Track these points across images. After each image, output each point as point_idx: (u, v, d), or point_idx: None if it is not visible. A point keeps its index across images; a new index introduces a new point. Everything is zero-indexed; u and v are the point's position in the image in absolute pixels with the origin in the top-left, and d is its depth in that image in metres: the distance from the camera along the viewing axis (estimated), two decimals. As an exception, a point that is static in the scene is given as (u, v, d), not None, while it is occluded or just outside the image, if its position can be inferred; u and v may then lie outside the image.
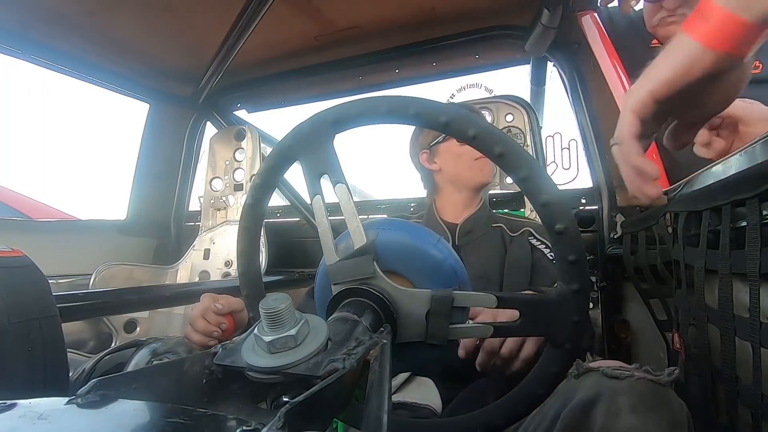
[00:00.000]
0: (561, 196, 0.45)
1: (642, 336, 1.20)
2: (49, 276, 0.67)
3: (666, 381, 0.43)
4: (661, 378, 0.43)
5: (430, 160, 1.05)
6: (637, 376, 0.43)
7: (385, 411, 0.33)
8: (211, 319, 0.77)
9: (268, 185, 0.58)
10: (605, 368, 0.45)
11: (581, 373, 0.46)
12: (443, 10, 1.33)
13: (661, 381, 0.43)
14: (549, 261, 0.92)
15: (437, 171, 1.04)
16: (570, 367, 0.49)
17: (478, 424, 0.52)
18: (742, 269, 0.48)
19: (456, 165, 1.01)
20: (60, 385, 0.63)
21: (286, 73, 1.66)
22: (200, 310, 0.77)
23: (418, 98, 0.49)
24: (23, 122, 12.97)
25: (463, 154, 0.99)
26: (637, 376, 0.43)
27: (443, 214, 1.04)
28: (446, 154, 1.02)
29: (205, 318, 0.77)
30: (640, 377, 0.43)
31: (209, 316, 0.77)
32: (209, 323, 0.76)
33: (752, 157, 0.49)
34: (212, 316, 0.77)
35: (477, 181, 1.01)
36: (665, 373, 0.43)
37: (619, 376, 0.43)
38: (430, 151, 1.04)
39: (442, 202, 1.05)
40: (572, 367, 0.48)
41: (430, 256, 0.54)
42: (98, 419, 0.27)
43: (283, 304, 0.36)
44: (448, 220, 1.02)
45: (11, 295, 0.59)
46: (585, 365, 0.47)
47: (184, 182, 1.89)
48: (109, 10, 1.24)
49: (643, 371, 0.44)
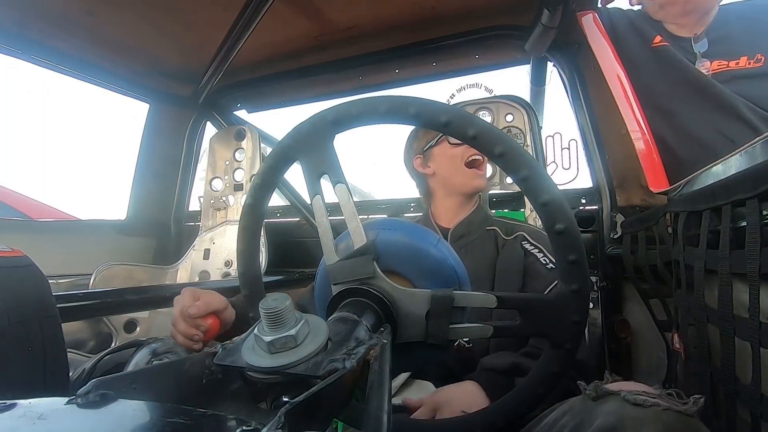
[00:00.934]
0: (561, 196, 0.45)
1: (642, 336, 1.20)
2: (49, 276, 0.67)
3: (693, 411, 0.40)
4: (688, 408, 0.40)
5: (423, 164, 1.04)
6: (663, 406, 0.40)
7: (385, 411, 0.33)
8: (189, 321, 0.71)
9: (268, 185, 0.58)
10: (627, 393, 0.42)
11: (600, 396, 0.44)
12: (443, 10, 1.33)
13: (689, 412, 0.40)
14: (542, 265, 0.91)
15: (431, 175, 1.04)
16: (569, 366, 0.49)
17: (478, 424, 0.52)
18: (742, 269, 0.48)
19: (448, 168, 1.00)
20: (60, 385, 0.63)
21: (286, 73, 1.66)
22: (179, 310, 0.72)
23: (418, 98, 0.49)
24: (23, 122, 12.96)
25: (456, 156, 0.99)
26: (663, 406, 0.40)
27: (438, 218, 1.04)
28: (439, 158, 1.02)
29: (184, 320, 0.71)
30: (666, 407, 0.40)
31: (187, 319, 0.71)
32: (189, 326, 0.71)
33: (752, 157, 0.49)
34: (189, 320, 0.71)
35: (470, 187, 1.00)
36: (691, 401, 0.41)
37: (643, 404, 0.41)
38: (423, 155, 1.04)
39: (437, 207, 1.05)
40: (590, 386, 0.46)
41: (430, 256, 0.54)
42: (98, 419, 0.27)
43: (283, 304, 0.36)
44: (442, 224, 1.02)
45: (11, 295, 0.60)
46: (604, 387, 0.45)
47: (184, 182, 1.89)
48: (109, 9, 1.24)
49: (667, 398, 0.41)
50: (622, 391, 0.43)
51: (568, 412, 0.48)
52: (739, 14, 1.03)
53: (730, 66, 0.99)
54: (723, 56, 1.00)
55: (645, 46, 1.07)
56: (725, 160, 0.56)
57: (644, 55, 1.07)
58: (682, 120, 1.02)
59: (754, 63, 0.97)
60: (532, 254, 0.93)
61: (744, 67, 0.98)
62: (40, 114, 13.94)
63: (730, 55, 0.99)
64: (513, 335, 0.75)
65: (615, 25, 1.12)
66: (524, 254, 0.94)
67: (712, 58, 1.01)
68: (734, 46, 1.00)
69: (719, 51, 1.00)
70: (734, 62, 0.99)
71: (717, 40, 1.01)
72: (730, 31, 1.01)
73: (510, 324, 0.50)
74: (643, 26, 1.08)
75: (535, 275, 0.90)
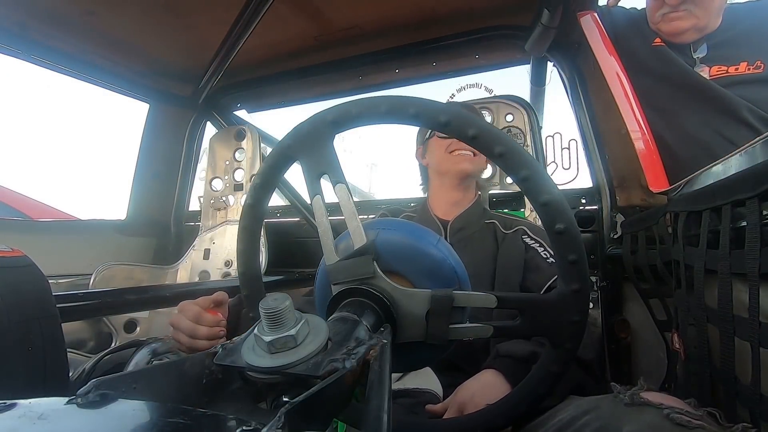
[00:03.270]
0: (561, 196, 0.45)
1: (642, 336, 1.20)
2: (49, 276, 0.67)
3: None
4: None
5: (422, 155, 1.08)
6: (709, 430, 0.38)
7: (385, 411, 0.33)
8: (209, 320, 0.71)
9: (268, 185, 0.58)
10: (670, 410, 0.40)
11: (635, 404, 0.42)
12: (443, 10, 1.33)
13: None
14: (542, 259, 0.91)
15: (427, 166, 1.07)
16: (570, 366, 0.49)
17: (478, 424, 0.52)
18: (741, 269, 0.48)
19: (437, 156, 1.02)
20: (60, 385, 0.63)
21: (286, 73, 1.66)
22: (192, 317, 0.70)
23: (418, 98, 0.49)
24: (23, 122, 13.02)
25: (442, 146, 1.00)
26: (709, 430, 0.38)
27: (436, 210, 1.04)
28: (431, 148, 1.05)
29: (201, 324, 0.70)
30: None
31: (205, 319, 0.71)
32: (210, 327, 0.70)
33: (752, 157, 0.49)
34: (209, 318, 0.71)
35: (457, 170, 1.00)
36: (739, 428, 0.39)
37: (687, 425, 0.38)
38: (423, 147, 1.08)
39: (434, 198, 1.06)
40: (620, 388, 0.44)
41: (430, 256, 0.54)
42: (98, 419, 0.27)
43: (283, 304, 0.36)
44: (440, 216, 1.03)
45: (11, 295, 0.60)
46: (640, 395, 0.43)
47: (184, 182, 1.89)
48: (109, 10, 1.24)
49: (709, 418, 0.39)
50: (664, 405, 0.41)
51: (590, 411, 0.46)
52: (740, 19, 1.02)
53: (729, 72, 0.99)
54: (722, 62, 1.00)
55: (646, 46, 1.07)
56: (725, 160, 0.56)
57: (645, 55, 1.07)
58: (681, 120, 1.02)
59: (754, 69, 0.97)
60: (533, 248, 0.94)
61: (743, 73, 0.98)
62: (40, 114, 13.99)
63: (730, 60, 0.99)
64: (513, 335, 0.75)
65: (616, 24, 1.12)
66: (525, 248, 0.94)
67: (711, 63, 1.00)
68: (734, 52, 0.99)
69: (719, 56, 1.00)
70: (734, 68, 0.99)
71: (717, 45, 1.01)
72: (730, 36, 1.01)
73: (510, 324, 0.50)
74: (644, 26, 1.08)
75: (536, 269, 0.91)
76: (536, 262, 0.92)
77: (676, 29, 1.00)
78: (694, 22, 0.99)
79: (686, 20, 0.99)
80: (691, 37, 1.01)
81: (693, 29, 1.00)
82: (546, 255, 0.92)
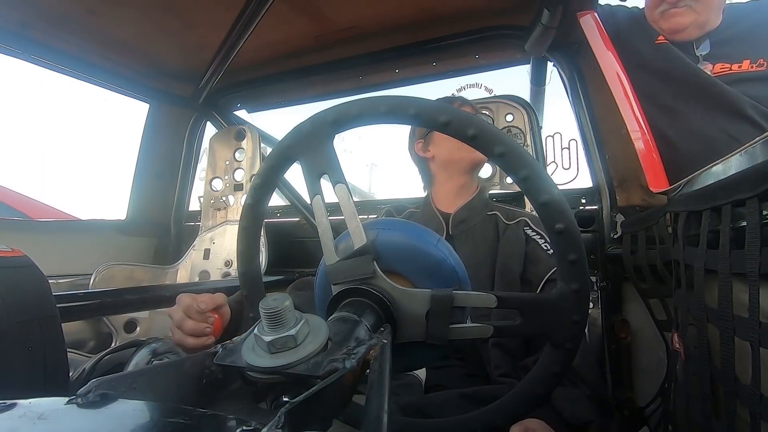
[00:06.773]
0: (561, 196, 0.45)
1: (642, 336, 1.20)
2: (49, 276, 0.67)
3: None
4: None
5: (424, 148, 1.06)
6: None
7: (385, 411, 0.32)
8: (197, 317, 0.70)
9: (268, 185, 0.58)
10: None
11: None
12: (443, 10, 1.33)
13: None
14: (543, 251, 0.92)
15: (431, 159, 1.05)
16: (569, 365, 0.49)
17: (478, 424, 0.52)
18: (741, 269, 0.48)
19: (450, 147, 1.01)
20: (60, 385, 0.63)
21: (286, 73, 1.66)
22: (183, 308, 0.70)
23: (418, 98, 0.49)
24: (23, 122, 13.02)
25: None
26: None
27: (439, 203, 1.04)
28: (439, 140, 1.03)
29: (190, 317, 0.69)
30: None
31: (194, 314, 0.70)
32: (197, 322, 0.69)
33: (752, 157, 0.49)
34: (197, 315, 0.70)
35: (469, 160, 1.00)
36: None
37: None
38: (424, 140, 1.06)
39: (438, 192, 1.06)
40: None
41: (430, 256, 0.54)
42: (98, 419, 0.27)
43: (283, 304, 0.36)
44: (443, 209, 1.03)
45: (11, 295, 0.60)
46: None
47: (184, 182, 1.89)
48: (110, 9, 1.24)
49: None
50: None
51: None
52: (742, 17, 1.02)
53: (732, 69, 0.99)
54: (725, 59, 0.99)
55: (649, 43, 1.07)
56: (725, 160, 0.56)
57: (648, 52, 1.07)
58: (685, 117, 1.02)
59: (757, 67, 0.97)
60: (534, 240, 0.94)
61: (747, 71, 0.97)
62: (40, 114, 14.00)
63: (733, 58, 0.99)
64: (513, 335, 0.75)
65: (619, 22, 1.12)
66: (526, 240, 0.94)
67: (714, 60, 1.00)
68: (737, 49, 0.99)
69: (721, 54, 1.00)
70: (737, 65, 0.98)
71: (719, 42, 1.01)
72: (733, 34, 1.00)
73: (510, 324, 0.50)
74: (647, 24, 1.07)
75: (536, 261, 0.91)
76: (537, 253, 0.92)
77: (677, 25, 1.00)
78: (695, 17, 0.98)
79: (686, 16, 0.98)
80: (692, 34, 1.01)
81: (694, 25, 0.99)
82: (546, 247, 0.92)
